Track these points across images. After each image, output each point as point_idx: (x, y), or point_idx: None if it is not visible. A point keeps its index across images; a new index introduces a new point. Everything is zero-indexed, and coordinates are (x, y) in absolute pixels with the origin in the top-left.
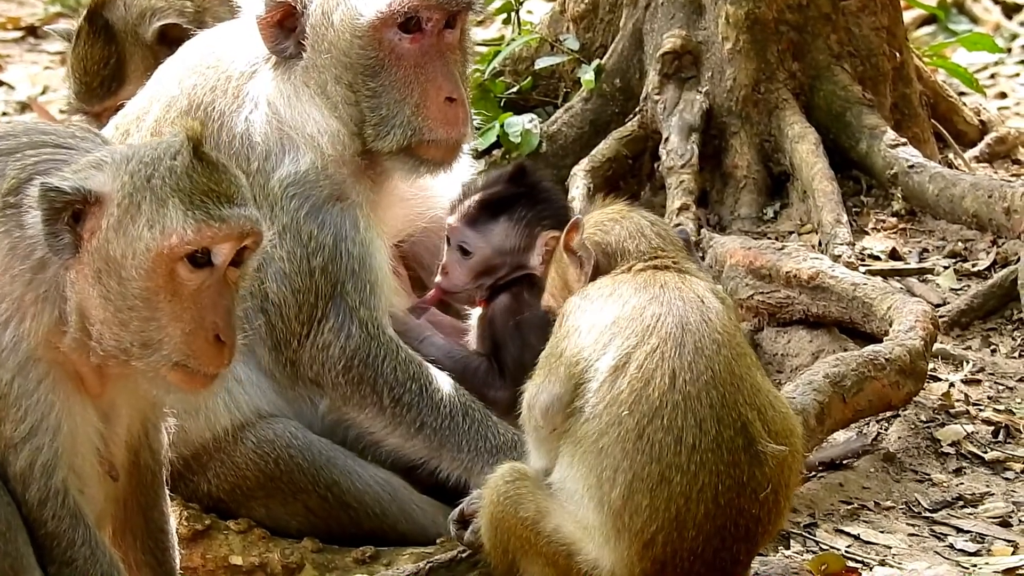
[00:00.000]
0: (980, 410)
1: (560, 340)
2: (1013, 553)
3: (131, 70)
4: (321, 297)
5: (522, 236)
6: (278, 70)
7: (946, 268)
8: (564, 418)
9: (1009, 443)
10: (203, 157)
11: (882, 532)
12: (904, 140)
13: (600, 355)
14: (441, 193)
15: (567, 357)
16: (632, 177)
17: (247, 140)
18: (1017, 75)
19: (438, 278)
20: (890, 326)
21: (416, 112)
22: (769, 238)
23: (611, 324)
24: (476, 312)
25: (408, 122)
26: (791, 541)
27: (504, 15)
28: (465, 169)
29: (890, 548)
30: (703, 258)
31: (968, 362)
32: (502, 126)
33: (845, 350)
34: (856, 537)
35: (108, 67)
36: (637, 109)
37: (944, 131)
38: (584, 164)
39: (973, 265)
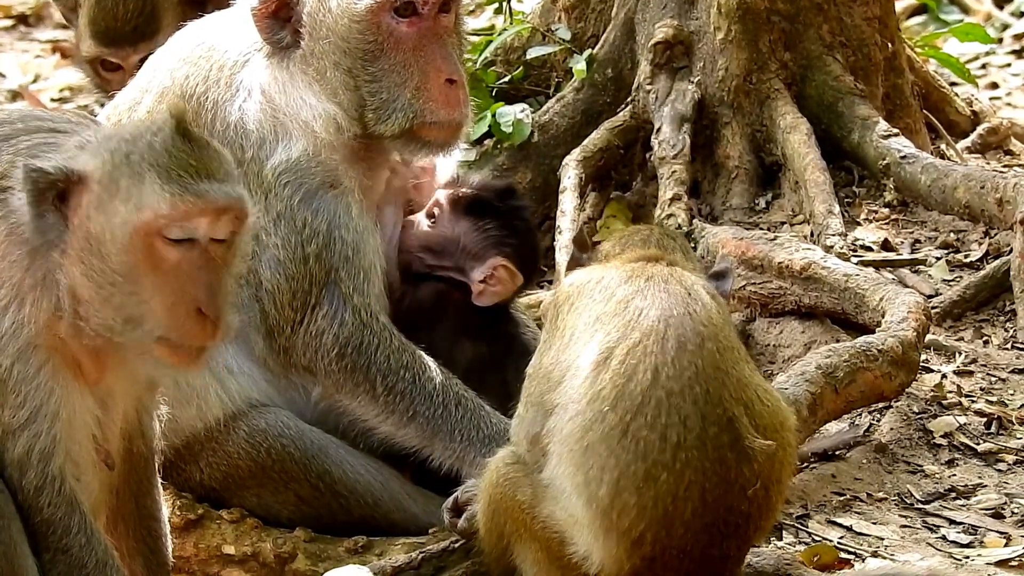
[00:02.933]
0: (972, 401)
1: (543, 352)
2: (1006, 545)
3: (164, 24)
4: (315, 284)
5: (477, 245)
6: (272, 58)
7: (938, 259)
8: (546, 417)
9: (1001, 434)
10: (186, 133)
11: (874, 523)
12: (896, 131)
13: (582, 351)
14: (435, 179)
15: (544, 370)
16: (624, 167)
17: (241, 129)
18: (1008, 65)
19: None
20: (882, 317)
21: (417, 94)
22: (761, 228)
23: (595, 320)
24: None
25: (409, 105)
26: (783, 532)
27: (495, 4)
28: (459, 155)
29: (882, 539)
30: (695, 248)
31: (960, 353)
32: (494, 116)
33: (837, 341)
34: (848, 528)
35: (142, 16)
36: (629, 99)
37: (936, 121)
38: (576, 154)
39: (965, 256)
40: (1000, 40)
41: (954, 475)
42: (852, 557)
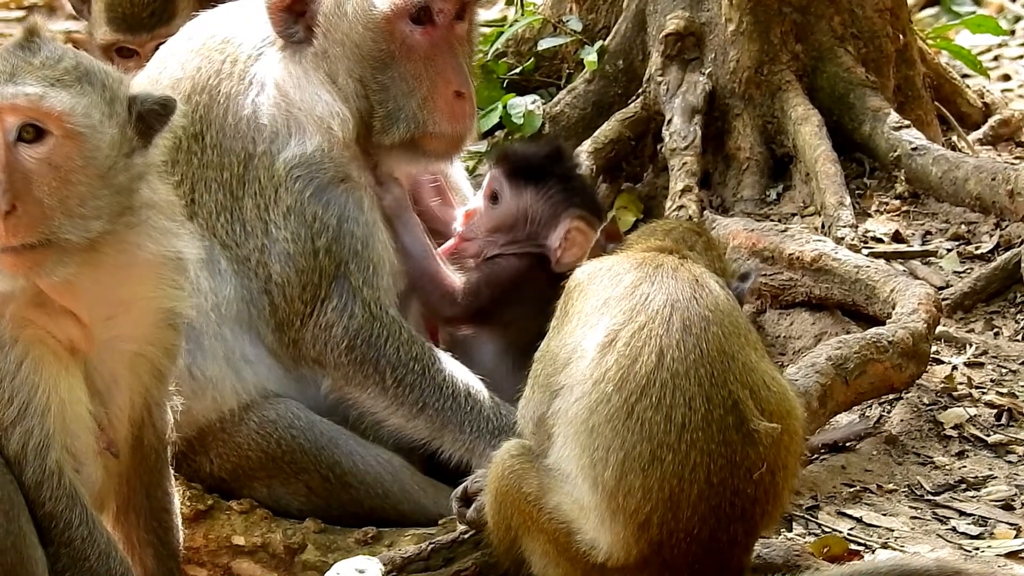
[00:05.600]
0: (983, 393)
1: (552, 336)
2: (1016, 536)
3: (180, 9)
4: (324, 277)
5: (546, 210)
6: (286, 52)
7: (949, 251)
8: (552, 398)
9: (1012, 426)
10: (26, 44)
11: (884, 515)
12: (907, 122)
13: (588, 333)
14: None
15: (551, 353)
16: (635, 159)
17: (254, 123)
18: (1020, 57)
19: (459, 226)
20: (893, 309)
21: (423, 105)
22: (772, 220)
23: (602, 304)
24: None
25: (414, 115)
26: (793, 524)
27: None
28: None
29: (892, 531)
30: None
31: (971, 345)
32: (505, 107)
33: (848, 332)
34: (858, 520)
35: (159, 0)
36: (640, 91)
37: (947, 113)
38: (587, 146)
39: (976, 248)
40: (1012, 32)
41: (964, 467)
42: (862, 548)
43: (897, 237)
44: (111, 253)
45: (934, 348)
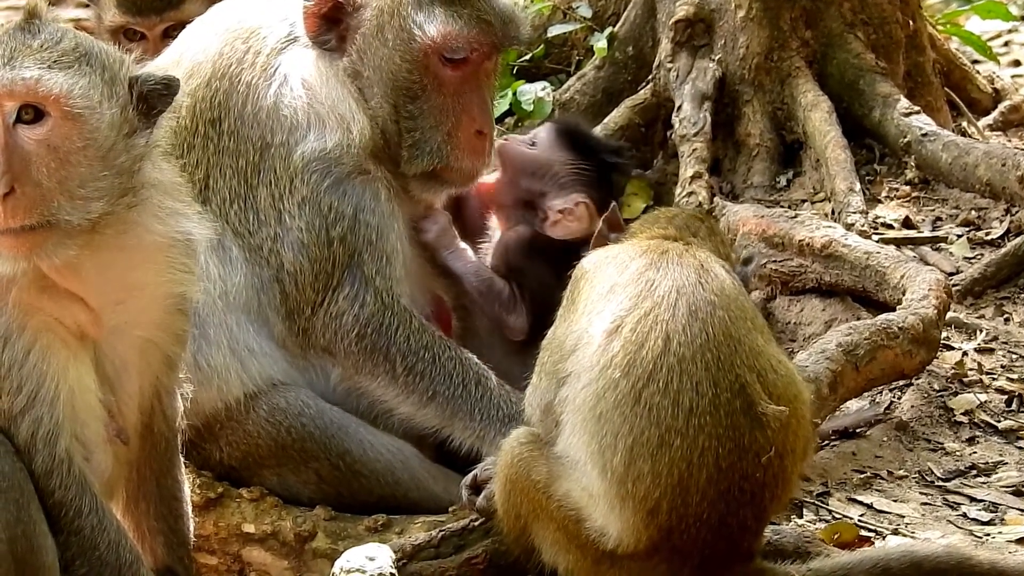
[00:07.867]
0: (993, 379)
1: (559, 324)
2: None
3: None
4: (338, 266)
5: (567, 177)
6: (315, 51)
7: (959, 237)
8: (559, 386)
9: (1022, 412)
10: (26, 27)
11: (895, 501)
12: (917, 108)
13: (595, 320)
14: None
15: (557, 340)
16: (645, 145)
17: (274, 113)
18: None
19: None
20: (903, 295)
21: (447, 140)
22: (782, 206)
23: (608, 291)
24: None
25: (438, 149)
26: (804, 510)
27: None
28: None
29: (903, 517)
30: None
31: (981, 331)
32: (515, 94)
33: (858, 319)
34: (869, 506)
35: None
36: (650, 77)
37: (957, 99)
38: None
39: (987, 234)
40: (1022, 18)
41: (975, 452)
42: (872, 535)
43: (907, 223)
44: (113, 235)
45: (944, 334)
